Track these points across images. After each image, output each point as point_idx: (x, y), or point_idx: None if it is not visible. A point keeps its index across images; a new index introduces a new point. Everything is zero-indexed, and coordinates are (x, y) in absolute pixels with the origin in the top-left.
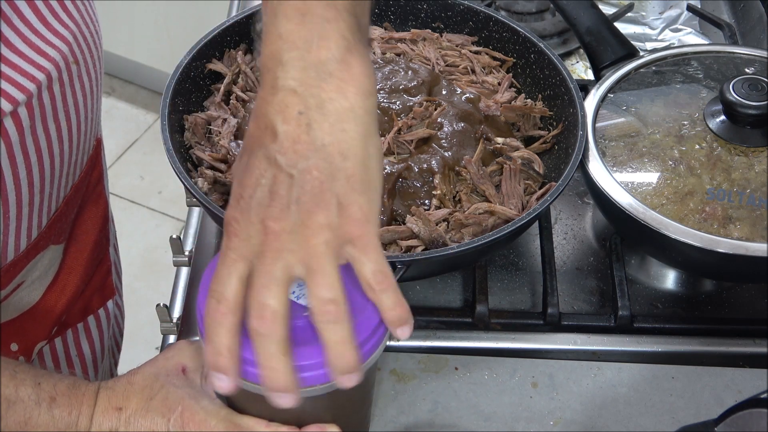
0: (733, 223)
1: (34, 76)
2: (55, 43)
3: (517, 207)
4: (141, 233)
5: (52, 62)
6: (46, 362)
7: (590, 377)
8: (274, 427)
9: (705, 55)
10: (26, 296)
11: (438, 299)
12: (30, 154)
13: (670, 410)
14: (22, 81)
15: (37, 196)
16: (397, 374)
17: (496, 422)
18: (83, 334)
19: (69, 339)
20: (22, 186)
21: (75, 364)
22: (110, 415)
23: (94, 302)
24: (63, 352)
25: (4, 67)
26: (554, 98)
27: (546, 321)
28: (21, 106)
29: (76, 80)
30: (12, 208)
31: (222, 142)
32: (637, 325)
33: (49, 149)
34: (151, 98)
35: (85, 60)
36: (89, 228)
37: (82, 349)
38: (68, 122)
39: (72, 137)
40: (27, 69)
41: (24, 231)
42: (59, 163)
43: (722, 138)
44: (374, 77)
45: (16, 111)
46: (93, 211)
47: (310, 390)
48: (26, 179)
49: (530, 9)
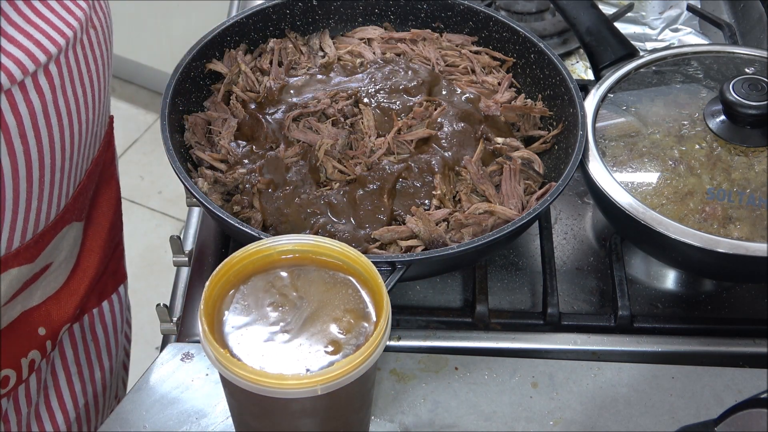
0: (733, 223)
1: (63, 32)
2: (79, 4)
3: (517, 207)
4: (141, 233)
5: (78, 21)
6: (66, 349)
7: (590, 377)
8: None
9: (705, 55)
10: (53, 280)
11: (438, 299)
12: (62, 115)
13: (670, 410)
14: (54, 35)
15: (67, 161)
16: (397, 374)
17: (496, 422)
18: (98, 318)
19: (85, 323)
20: (56, 149)
21: (90, 349)
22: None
23: (109, 286)
24: (80, 337)
25: (38, 20)
26: (554, 98)
27: (546, 321)
28: (51, 62)
29: (96, 46)
30: (47, 173)
31: (222, 142)
32: (637, 325)
33: (77, 112)
34: (151, 98)
35: (102, 28)
36: (105, 210)
37: (97, 335)
38: (91, 86)
39: (94, 103)
40: (58, 24)
41: (55, 199)
42: (85, 129)
43: (722, 138)
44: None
45: (48, 67)
46: (107, 192)
47: (309, 390)
48: (59, 142)
49: (530, 9)
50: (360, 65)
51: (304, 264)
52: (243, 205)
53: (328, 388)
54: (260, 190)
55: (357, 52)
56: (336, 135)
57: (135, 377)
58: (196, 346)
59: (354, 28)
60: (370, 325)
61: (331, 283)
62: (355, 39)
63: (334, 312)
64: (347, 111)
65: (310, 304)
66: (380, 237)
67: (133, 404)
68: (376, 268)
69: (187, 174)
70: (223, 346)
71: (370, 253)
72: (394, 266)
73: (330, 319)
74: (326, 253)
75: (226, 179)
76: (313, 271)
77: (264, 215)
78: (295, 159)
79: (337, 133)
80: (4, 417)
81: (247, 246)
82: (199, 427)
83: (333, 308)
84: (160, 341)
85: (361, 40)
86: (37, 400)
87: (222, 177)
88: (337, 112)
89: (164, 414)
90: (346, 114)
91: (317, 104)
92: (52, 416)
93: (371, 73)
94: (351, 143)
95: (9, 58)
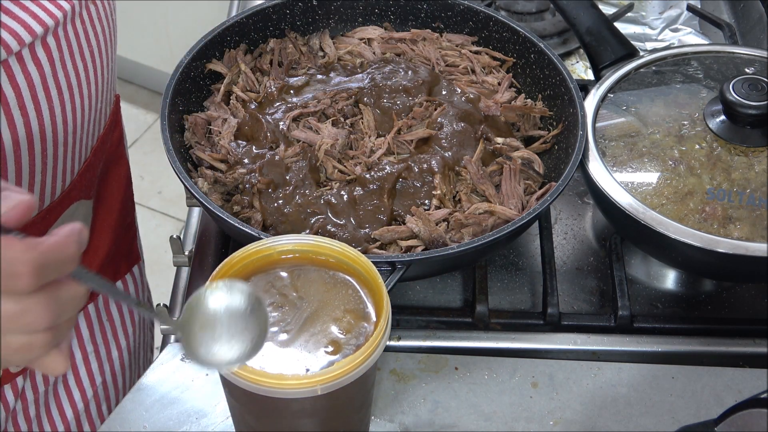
0: (733, 223)
1: (60, 5)
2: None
3: (517, 207)
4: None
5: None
6: (81, 329)
7: (590, 377)
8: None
9: (705, 55)
10: None
11: (438, 299)
12: (62, 88)
13: (670, 410)
14: (51, 8)
15: (70, 136)
16: (397, 374)
17: (496, 422)
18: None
19: (100, 304)
20: (58, 123)
21: (106, 329)
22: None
23: (122, 267)
24: (96, 317)
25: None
26: (554, 98)
27: (546, 321)
28: (49, 35)
29: (97, 21)
30: (49, 146)
31: (222, 142)
32: (637, 325)
33: (78, 85)
34: (151, 98)
35: (103, 3)
36: (114, 189)
37: (112, 315)
38: (92, 61)
39: (96, 79)
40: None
41: (60, 174)
42: (87, 105)
43: (722, 138)
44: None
45: (45, 40)
46: (116, 171)
47: (309, 390)
48: (61, 116)
49: (530, 9)
50: (360, 65)
51: (304, 264)
52: (243, 205)
53: (328, 388)
54: (260, 190)
55: (357, 52)
56: (336, 135)
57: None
58: None
59: (354, 28)
60: (370, 325)
61: (331, 283)
62: (355, 39)
63: (334, 312)
64: (347, 111)
65: (310, 304)
66: (380, 237)
67: (133, 404)
68: (376, 268)
69: (187, 174)
70: None
71: (370, 253)
72: (394, 266)
73: (330, 319)
74: (326, 253)
75: (226, 179)
76: (313, 271)
77: (264, 215)
78: (295, 159)
79: (337, 133)
80: (22, 395)
81: (247, 246)
82: (199, 427)
83: (333, 308)
84: (160, 341)
85: (361, 40)
86: (54, 379)
87: (222, 177)
88: (337, 112)
89: (164, 414)
90: (346, 114)
91: (317, 104)
92: (69, 394)
93: (371, 73)
94: (351, 143)
95: (4, 29)
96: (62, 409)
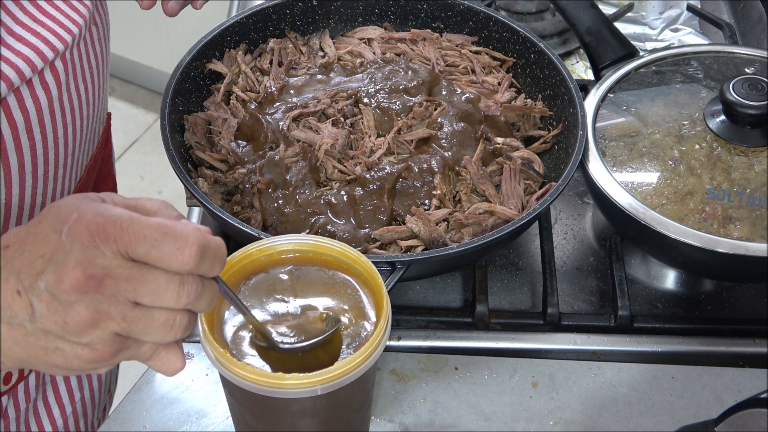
0: (733, 223)
1: (69, 29)
2: (84, 2)
3: (517, 207)
4: None
5: (83, 18)
6: None
7: (590, 377)
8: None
9: (705, 55)
10: None
11: (438, 299)
12: (65, 111)
13: (670, 410)
14: (61, 32)
15: (69, 157)
16: (397, 374)
17: (496, 422)
18: None
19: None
20: (60, 146)
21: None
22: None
23: None
24: None
25: (45, 18)
26: (554, 98)
27: (546, 321)
28: (57, 59)
29: (97, 42)
30: (50, 169)
31: (222, 142)
32: (637, 325)
33: (80, 107)
34: (151, 98)
35: (102, 24)
36: None
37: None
38: (92, 82)
39: (95, 99)
40: (64, 21)
41: (57, 195)
42: (86, 125)
43: (722, 138)
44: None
45: (54, 64)
46: (104, 188)
47: (309, 390)
48: (63, 138)
49: (530, 9)
50: (360, 65)
51: (304, 264)
52: (243, 205)
53: (328, 388)
54: (260, 190)
55: (357, 52)
56: (336, 135)
57: (135, 377)
58: (196, 346)
59: (354, 28)
60: (370, 325)
61: (331, 283)
62: (355, 39)
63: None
64: (347, 111)
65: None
66: (380, 237)
67: (133, 404)
68: (376, 268)
69: (187, 174)
70: (223, 346)
71: (370, 253)
72: (394, 266)
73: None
74: (326, 253)
75: (226, 179)
76: (313, 271)
77: (264, 215)
78: (295, 159)
79: (337, 133)
80: (4, 414)
81: (247, 246)
82: (199, 427)
83: (333, 308)
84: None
85: (361, 40)
86: (36, 396)
87: (222, 177)
88: (337, 112)
89: (164, 414)
90: (346, 114)
91: (317, 104)
92: (49, 412)
93: (371, 73)
94: (351, 143)
95: (18, 56)
96: (41, 426)
